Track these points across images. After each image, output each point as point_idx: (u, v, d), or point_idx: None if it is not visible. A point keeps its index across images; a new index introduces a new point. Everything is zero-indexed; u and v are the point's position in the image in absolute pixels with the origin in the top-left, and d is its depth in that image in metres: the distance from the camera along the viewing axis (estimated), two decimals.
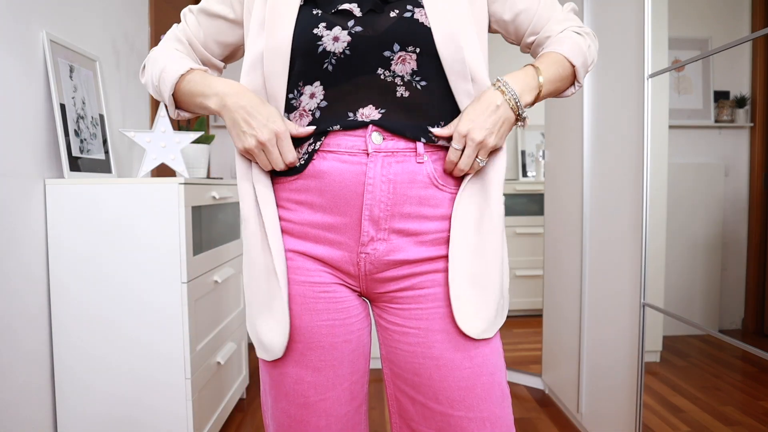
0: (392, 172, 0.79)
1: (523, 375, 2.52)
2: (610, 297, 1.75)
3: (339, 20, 0.79)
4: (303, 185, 0.81)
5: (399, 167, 0.79)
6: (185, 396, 1.59)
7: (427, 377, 0.81)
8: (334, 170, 0.79)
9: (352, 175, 0.79)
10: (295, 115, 0.82)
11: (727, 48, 1.22)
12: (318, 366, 0.84)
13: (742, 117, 1.28)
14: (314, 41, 0.78)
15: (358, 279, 0.85)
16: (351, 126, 0.79)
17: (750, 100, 1.24)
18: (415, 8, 0.80)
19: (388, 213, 0.80)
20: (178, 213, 1.56)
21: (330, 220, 0.81)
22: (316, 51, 0.79)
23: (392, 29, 0.78)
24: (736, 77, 1.28)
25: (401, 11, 0.79)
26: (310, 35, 0.79)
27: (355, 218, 0.80)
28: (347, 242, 0.82)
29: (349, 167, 0.79)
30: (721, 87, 1.35)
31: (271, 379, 0.86)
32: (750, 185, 1.24)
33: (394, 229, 0.81)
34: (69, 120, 1.66)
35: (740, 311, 1.27)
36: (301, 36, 0.79)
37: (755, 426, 1.23)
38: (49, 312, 1.58)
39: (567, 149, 2.08)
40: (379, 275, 0.84)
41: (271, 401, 0.87)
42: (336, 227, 0.81)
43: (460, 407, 0.80)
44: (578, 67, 0.85)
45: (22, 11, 1.50)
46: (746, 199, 1.25)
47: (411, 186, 0.80)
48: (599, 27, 1.81)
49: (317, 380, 0.84)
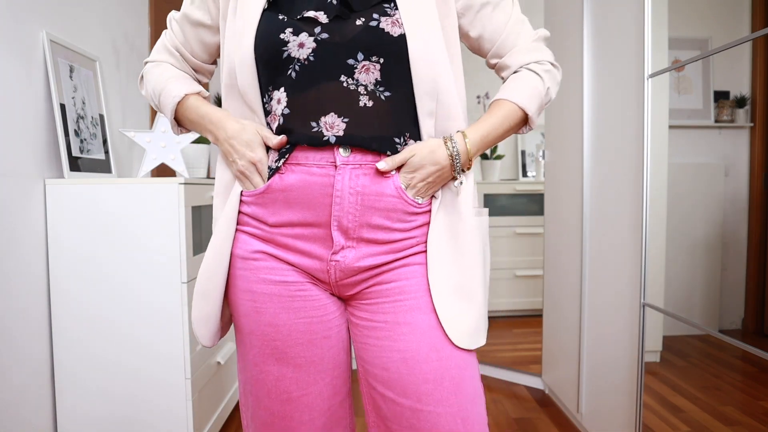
0: (360, 184, 0.80)
1: (523, 375, 2.52)
2: (610, 297, 1.75)
3: (305, 26, 0.79)
4: (270, 198, 0.83)
5: (367, 179, 0.80)
6: (185, 396, 1.59)
7: (396, 371, 0.81)
8: (302, 183, 0.80)
9: (320, 187, 0.80)
10: (271, 118, 0.84)
11: (727, 48, 1.22)
12: (299, 363, 0.85)
13: (742, 117, 1.28)
14: (279, 46, 0.79)
15: (329, 284, 0.86)
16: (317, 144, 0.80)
17: (750, 100, 1.24)
18: (381, 17, 0.79)
19: (356, 223, 0.81)
20: (178, 213, 1.56)
21: (299, 231, 0.83)
22: (281, 56, 0.79)
23: (357, 37, 0.78)
24: (736, 77, 1.28)
25: (367, 20, 0.79)
26: (275, 40, 0.79)
27: (325, 229, 0.82)
28: (317, 252, 0.83)
29: (318, 179, 0.80)
30: (721, 87, 1.35)
31: (253, 378, 0.88)
32: (750, 185, 1.24)
33: (363, 238, 0.82)
34: (69, 120, 1.66)
35: (740, 311, 1.27)
36: (265, 40, 0.80)
37: (755, 426, 1.23)
38: (49, 312, 1.58)
39: (567, 149, 2.08)
40: (347, 281, 0.85)
41: (253, 401, 0.89)
42: (305, 237, 0.83)
43: (429, 401, 0.80)
44: (532, 114, 0.86)
45: (22, 11, 1.50)
46: (746, 199, 1.25)
47: (379, 199, 0.81)
48: (599, 27, 1.81)
49: (299, 376, 0.85)
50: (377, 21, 0.79)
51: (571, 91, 2.02)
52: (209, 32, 0.92)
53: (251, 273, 0.85)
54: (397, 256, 0.84)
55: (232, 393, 2.06)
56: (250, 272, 0.85)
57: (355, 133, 0.79)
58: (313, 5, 0.80)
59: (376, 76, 0.79)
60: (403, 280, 0.83)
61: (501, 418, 2.14)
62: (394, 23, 0.79)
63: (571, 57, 2.00)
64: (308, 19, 0.79)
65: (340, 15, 0.79)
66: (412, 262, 0.84)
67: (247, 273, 0.85)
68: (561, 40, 2.13)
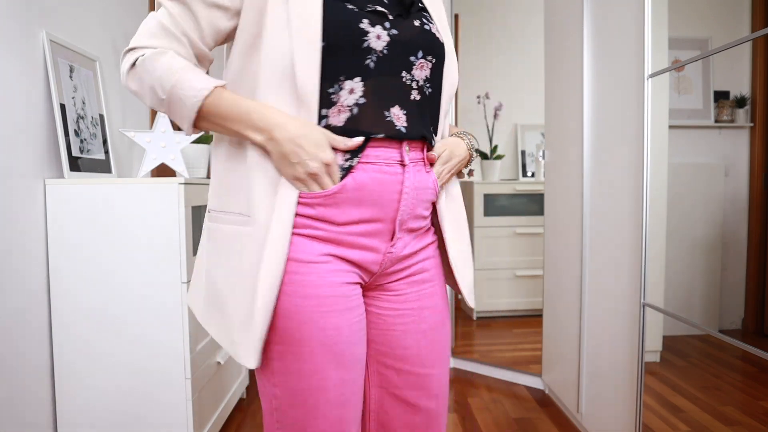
0: (418, 180, 0.87)
1: (523, 375, 2.52)
2: (610, 297, 1.75)
3: (377, 19, 0.81)
4: (342, 198, 0.82)
5: (419, 176, 0.87)
6: (185, 396, 1.59)
7: (416, 348, 0.92)
8: (373, 181, 0.83)
9: (391, 184, 0.84)
10: (333, 110, 0.81)
11: (727, 48, 1.22)
12: (353, 363, 0.86)
13: (742, 117, 1.28)
14: (360, 35, 0.79)
15: (373, 275, 0.89)
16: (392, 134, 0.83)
17: (750, 100, 1.24)
18: (430, 23, 0.88)
19: (410, 216, 0.87)
20: (178, 213, 1.56)
21: (364, 228, 0.84)
22: (361, 45, 0.79)
23: (418, 37, 0.85)
24: (736, 77, 1.28)
25: (422, 22, 0.87)
26: (355, 28, 0.79)
27: (389, 223, 0.86)
28: (377, 245, 0.86)
29: (388, 177, 0.84)
30: (721, 87, 1.35)
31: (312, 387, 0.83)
32: (750, 185, 1.24)
33: (409, 228, 0.89)
34: (69, 120, 1.66)
35: (740, 311, 1.27)
36: (342, 29, 0.79)
37: (755, 426, 1.23)
38: (49, 311, 1.58)
39: (567, 149, 2.08)
40: (390, 269, 0.90)
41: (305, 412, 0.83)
42: (369, 232, 0.85)
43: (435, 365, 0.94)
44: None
45: (22, 11, 1.50)
46: (746, 199, 1.25)
47: (425, 192, 0.88)
48: (599, 27, 1.81)
49: (353, 377, 0.86)
50: (429, 25, 0.87)
51: (571, 91, 2.02)
52: (225, 16, 0.83)
53: (317, 277, 0.82)
54: (421, 245, 0.93)
55: (232, 393, 2.06)
56: (316, 276, 0.82)
57: (413, 125, 0.85)
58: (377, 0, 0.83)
59: (426, 73, 0.86)
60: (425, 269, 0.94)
61: (501, 418, 2.14)
62: (437, 30, 0.88)
63: (571, 57, 2.00)
64: (378, 12, 0.82)
65: (401, 15, 0.85)
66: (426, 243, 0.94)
67: (313, 277, 0.81)
68: (561, 40, 2.13)
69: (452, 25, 2.70)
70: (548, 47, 2.29)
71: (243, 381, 2.23)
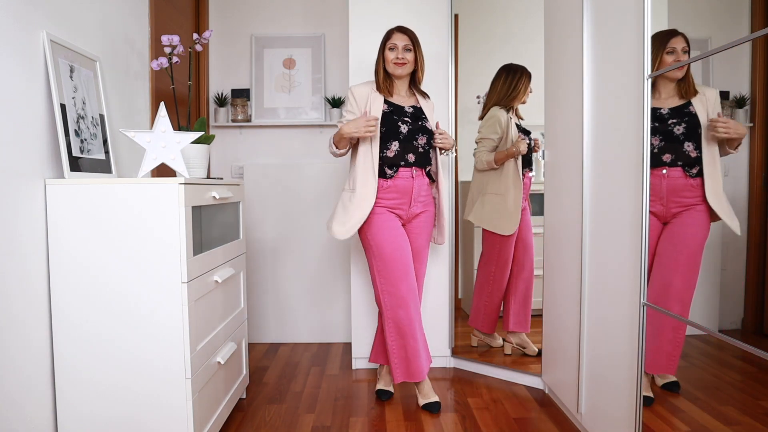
0: (420, 183, 2.23)
1: (523, 375, 2.52)
2: (610, 297, 1.75)
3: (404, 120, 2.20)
4: (391, 186, 2.19)
5: (420, 180, 2.24)
6: (185, 396, 1.59)
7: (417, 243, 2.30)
8: (401, 184, 2.20)
9: (408, 186, 2.21)
10: (386, 153, 2.17)
11: (727, 48, 1.22)
12: (400, 247, 2.19)
13: (742, 117, 1.28)
14: (398, 127, 2.19)
15: (404, 219, 2.26)
16: (408, 165, 2.20)
17: (750, 100, 1.24)
18: (425, 121, 2.24)
19: (416, 197, 2.24)
20: (178, 213, 1.56)
21: (398, 203, 2.22)
22: (398, 130, 2.18)
23: (420, 128, 2.22)
24: (736, 77, 1.28)
25: (422, 121, 2.23)
26: (396, 124, 2.18)
27: (408, 200, 2.22)
28: (404, 210, 2.24)
29: (407, 182, 2.21)
30: (721, 87, 1.35)
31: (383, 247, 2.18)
32: (750, 185, 1.24)
33: (417, 202, 2.25)
34: (69, 120, 1.66)
35: (740, 311, 1.27)
36: (392, 125, 2.18)
37: (755, 426, 1.23)
38: (49, 312, 1.58)
39: (567, 149, 2.08)
40: (411, 218, 2.28)
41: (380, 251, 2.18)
42: (401, 206, 2.23)
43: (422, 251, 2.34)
44: None
45: (22, 11, 1.50)
46: (746, 198, 1.25)
47: (423, 187, 2.26)
48: (599, 27, 1.81)
49: (401, 249, 2.19)
50: (422, 122, 2.23)
51: (571, 91, 2.02)
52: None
53: (385, 217, 2.19)
54: (423, 209, 2.28)
55: (232, 393, 2.06)
56: (385, 217, 2.19)
57: (417, 161, 2.21)
58: (403, 114, 2.22)
59: (424, 141, 2.21)
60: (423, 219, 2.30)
61: (501, 418, 2.14)
62: (428, 124, 2.24)
63: (571, 57, 2.01)
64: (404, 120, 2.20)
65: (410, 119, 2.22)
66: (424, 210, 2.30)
67: (383, 217, 2.18)
68: (561, 41, 2.13)
69: (452, 25, 2.70)
70: (548, 47, 2.30)
71: (243, 381, 2.24)
